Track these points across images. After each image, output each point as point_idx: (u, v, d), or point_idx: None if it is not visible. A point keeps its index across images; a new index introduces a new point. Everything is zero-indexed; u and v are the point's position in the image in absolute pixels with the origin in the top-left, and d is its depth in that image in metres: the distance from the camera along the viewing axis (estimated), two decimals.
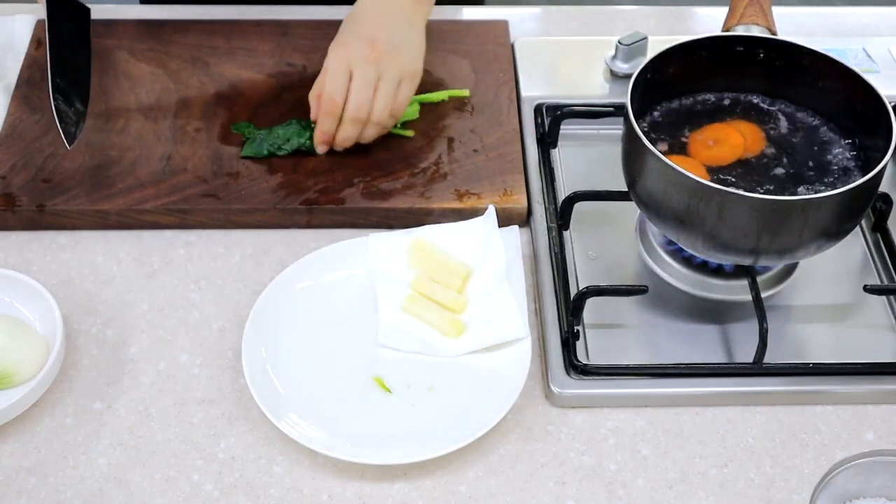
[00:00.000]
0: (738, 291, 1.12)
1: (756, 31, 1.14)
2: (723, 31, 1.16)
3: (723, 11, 1.19)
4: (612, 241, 1.19)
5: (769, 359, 1.07)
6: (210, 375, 1.08)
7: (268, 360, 1.06)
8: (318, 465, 1.01)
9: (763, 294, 1.10)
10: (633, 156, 1.08)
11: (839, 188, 1.00)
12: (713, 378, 1.07)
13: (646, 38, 1.35)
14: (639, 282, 1.14)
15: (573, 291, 1.11)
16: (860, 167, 1.09)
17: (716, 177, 1.08)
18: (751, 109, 1.16)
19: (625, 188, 1.13)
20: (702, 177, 1.04)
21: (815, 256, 1.08)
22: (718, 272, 1.13)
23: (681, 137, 1.13)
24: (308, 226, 1.21)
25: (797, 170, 1.10)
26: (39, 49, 1.36)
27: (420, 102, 1.30)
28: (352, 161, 1.24)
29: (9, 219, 1.19)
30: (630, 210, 1.17)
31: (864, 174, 1.02)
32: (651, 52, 1.20)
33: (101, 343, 1.10)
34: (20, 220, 1.19)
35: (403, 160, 1.25)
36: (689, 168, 1.03)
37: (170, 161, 1.24)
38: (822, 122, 1.14)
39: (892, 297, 1.14)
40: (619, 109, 1.22)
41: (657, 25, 1.46)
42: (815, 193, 1.05)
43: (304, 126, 1.25)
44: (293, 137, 1.24)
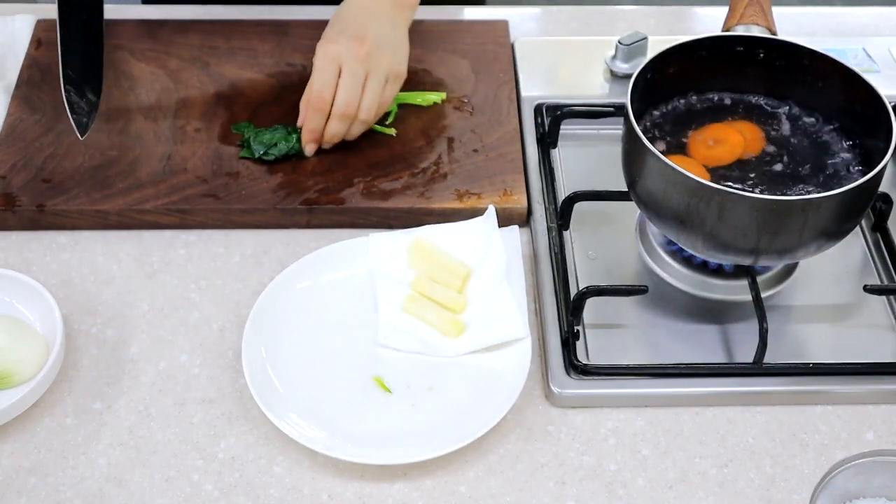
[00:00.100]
0: (738, 291, 1.12)
1: (756, 31, 1.14)
2: (723, 31, 1.16)
3: (723, 11, 1.19)
4: (612, 241, 1.19)
5: (769, 359, 1.07)
6: (210, 375, 1.08)
7: (268, 360, 1.06)
8: (318, 465, 1.01)
9: (763, 294, 1.10)
10: (633, 156, 1.08)
11: (839, 188, 1.00)
12: (713, 378, 1.07)
13: (646, 38, 1.35)
14: (639, 282, 1.14)
15: (573, 291, 1.11)
16: (860, 167, 1.09)
17: (716, 177, 1.08)
18: (751, 109, 1.16)
19: (625, 188, 1.13)
20: (702, 177, 1.03)
21: (815, 256, 1.08)
22: (718, 272, 1.13)
23: (681, 137, 1.13)
24: (308, 226, 1.21)
25: (797, 170, 1.10)
26: (39, 49, 1.36)
27: (405, 103, 1.30)
28: (352, 161, 1.24)
29: (9, 219, 1.19)
30: (630, 210, 1.17)
31: (864, 174, 1.02)
32: (651, 52, 1.20)
33: (101, 343, 1.10)
34: (20, 220, 1.19)
35: (403, 160, 1.25)
36: (689, 168, 1.03)
37: (170, 161, 1.24)
38: (822, 123, 1.14)
39: (892, 297, 1.14)
40: (619, 109, 1.22)
41: (657, 25, 1.46)
42: (815, 193, 1.05)
43: (290, 130, 1.24)
44: (280, 142, 1.23)
